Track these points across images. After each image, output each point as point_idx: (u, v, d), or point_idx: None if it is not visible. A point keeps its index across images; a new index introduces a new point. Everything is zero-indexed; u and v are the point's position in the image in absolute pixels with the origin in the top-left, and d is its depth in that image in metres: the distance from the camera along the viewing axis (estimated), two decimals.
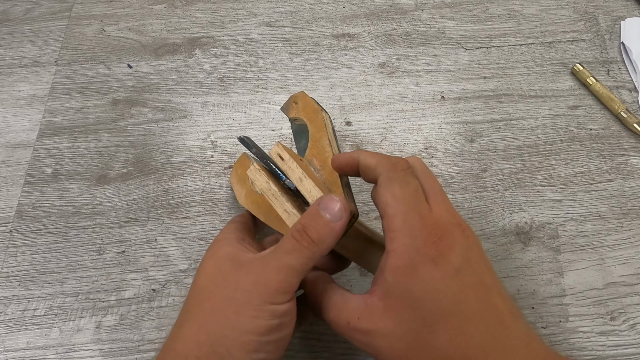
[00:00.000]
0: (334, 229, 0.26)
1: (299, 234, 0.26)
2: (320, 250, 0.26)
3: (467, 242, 0.25)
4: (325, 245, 0.26)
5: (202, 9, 0.55)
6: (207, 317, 0.25)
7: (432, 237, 0.25)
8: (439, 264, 0.24)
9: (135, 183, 0.43)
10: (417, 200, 0.26)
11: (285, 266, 0.25)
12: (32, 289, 0.38)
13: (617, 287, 0.38)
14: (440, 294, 0.23)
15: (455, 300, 0.23)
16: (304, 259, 0.26)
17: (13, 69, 0.50)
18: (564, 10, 0.56)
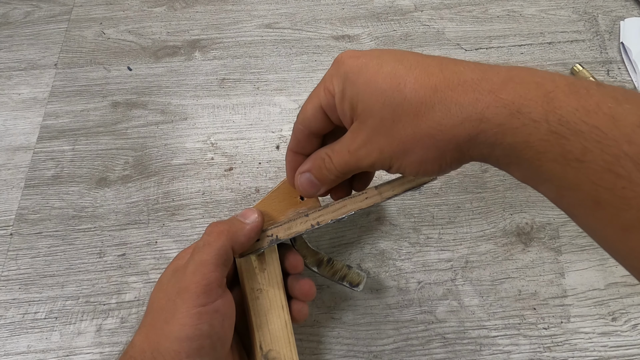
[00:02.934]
0: (245, 227, 0.28)
1: (209, 229, 0.28)
2: (230, 241, 0.27)
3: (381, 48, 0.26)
4: (235, 237, 0.28)
5: (202, 11, 0.55)
6: (149, 327, 0.26)
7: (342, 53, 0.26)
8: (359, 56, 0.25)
9: (136, 186, 0.43)
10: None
11: (199, 265, 0.26)
12: (32, 292, 0.38)
13: (619, 288, 0.38)
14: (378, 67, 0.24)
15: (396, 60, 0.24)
16: (215, 250, 0.27)
17: (13, 72, 0.50)
18: (563, 11, 0.56)
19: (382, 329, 0.36)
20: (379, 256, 0.40)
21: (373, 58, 0.24)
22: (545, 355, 0.35)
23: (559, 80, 0.20)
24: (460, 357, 0.35)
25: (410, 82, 0.23)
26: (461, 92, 0.22)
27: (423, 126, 0.23)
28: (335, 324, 0.37)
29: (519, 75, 0.21)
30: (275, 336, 0.30)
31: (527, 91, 0.20)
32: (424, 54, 0.25)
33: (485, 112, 0.21)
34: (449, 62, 0.23)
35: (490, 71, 0.22)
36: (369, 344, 0.36)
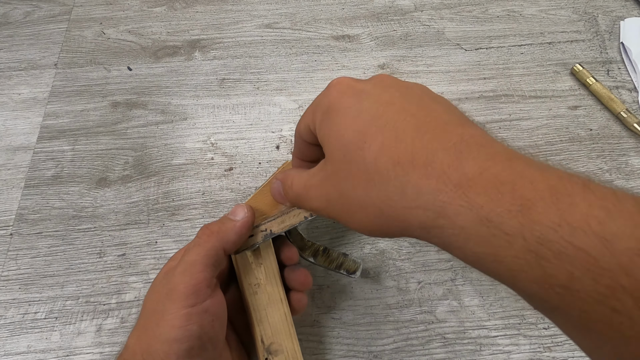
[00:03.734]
0: (235, 225, 0.28)
1: (200, 231, 0.28)
2: (221, 241, 0.27)
3: (383, 79, 0.24)
4: (225, 237, 0.27)
5: (202, 11, 0.55)
6: (141, 329, 0.26)
7: (338, 81, 0.25)
8: (348, 94, 0.23)
9: (136, 186, 0.43)
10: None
11: (188, 265, 0.26)
12: (32, 292, 0.38)
13: None
14: (357, 114, 0.22)
15: (373, 115, 0.22)
16: (205, 250, 0.27)
17: (13, 72, 0.50)
18: (563, 11, 0.56)
19: (382, 329, 0.36)
20: (379, 256, 0.40)
21: (358, 101, 0.23)
22: (545, 355, 0.35)
23: (540, 183, 0.17)
24: (460, 357, 0.35)
25: (375, 146, 0.21)
26: (424, 174, 0.19)
27: (373, 195, 0.21)
28: (335, 324, 0.37)
29: (494, 171, 0.18)
30: (276, 329, 0.30)
31: (500, 195, 0.17)
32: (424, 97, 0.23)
33: (447, 207, 0.18)
34: (430, 128, 0.20)
35: (467, 157, 0.19)
36: (369, 344, 0.36)
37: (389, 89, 0.23)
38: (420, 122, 0.21)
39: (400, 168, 0.20)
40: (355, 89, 0.23)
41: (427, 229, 0.19)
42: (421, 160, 0.19)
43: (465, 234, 0.18)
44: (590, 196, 0.16)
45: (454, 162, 0.19)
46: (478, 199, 0.17)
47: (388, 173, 0.20)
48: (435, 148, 0.19)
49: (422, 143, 0.20)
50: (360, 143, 0.21)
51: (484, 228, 0.17)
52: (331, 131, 0.23)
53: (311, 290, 0.38)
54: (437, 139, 0.20)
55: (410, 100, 0.22)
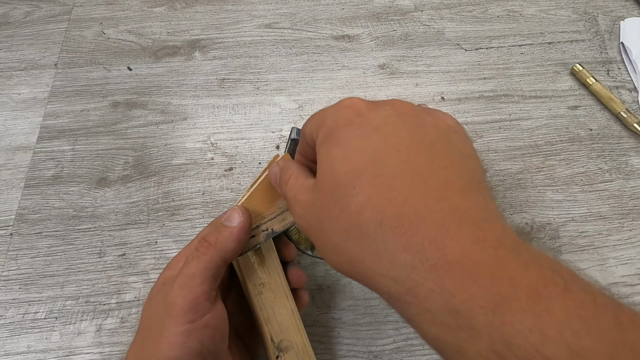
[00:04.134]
0: (232, 232, 0.27)
1: (199, 244, 0.27)
2: (220, 252, 0.26)
3: (397, 110, 0.22)
4: (224, 246, 0.26)
5: (202, 11, 0.55)
6: (139, 346, 0.26)
7: (349, 102, 0.23)
8: (355, 123, 0.21)
9: (136, 185, 0.43)
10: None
11: (186, 279, 0.25)
12: (32, 292, 0.38)
13: (619, 288, 0.38)
14: (355, 152, 0.20)
15: (372, 158, 0.20)
16: (204, 263, 0.26)
17: (13, 72, 0.50)
18: (563, 11, 0.56)
19: (382, 329, 0.36)
20: None
21: (363, 135, 0.21)
22: None
23: (520, 280, 0.16)
24: None
25: (363, 196, 0.19)
26: (403, 245, 0.18)
27: (348, 246, 0.20)
28: (335, 324, 0.37)
29: (476, 259, 0.16)
30: (285, 325, 0.30)
31: (475, 287, 0.16)
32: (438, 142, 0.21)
33: (417, 287, 0.17)
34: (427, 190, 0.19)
35: (453, 235, 0.17)
36: (369, 344, 0.36)
37: (401, 126, 0.21)
38: (420, 179, 0.19)
39: (381, 230, 0.18)
40: (365, 119, 0.22)
41: (392, 300, 0.18)
42: (404, 228, 0.18)
43: (431, 318, 0.17)
44: (569, 303, 0.15)
45: (437, 239, 0.17)
46: (451, 287, 0.16)
47: (368, 230, 0.19)
48: (423, 216, 0.18)
49: (411, 207, 0.18)
50: (349, 187, 0.20)
51: (451, 318, 0.16)
52: (326, 160, 0.21)
53: (311, 290, 0.38)
54: (429, 206, 0.18)
55: (419, 146, 0.20)
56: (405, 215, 0.18)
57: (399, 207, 0.18)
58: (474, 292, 0.16)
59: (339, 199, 0.20)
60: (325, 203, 0.21)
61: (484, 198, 0.20)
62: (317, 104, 0.48)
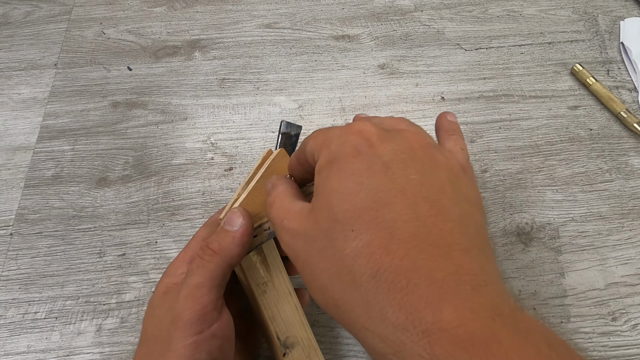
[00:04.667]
0: (235, 237, 0.25)
1: (202, 251, 0.26)
2: (225, 258, 0.25)
3: (409, 144, 0.20)
4: (229, 252, 0.25)
5: (202, 11, 0.55)
6: (144, 359, 0.25)
7: (360, 127, 0.21)
8: (363, 155, 0.20)
9: (136, 185, 0.43)
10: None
11: (192, 289, 0.24)
12: (32, 292, 0.38)
13: (619, 288, 0.38)
14: (359, 189, 0.19)
15: (377, 199, 0.19)
16: (210, 272, 0.25)
17: (13, 72, 0.50)
18: (563, 11, 0.56)
19: None
20: None
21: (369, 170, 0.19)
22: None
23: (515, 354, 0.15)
24: None
25: (360, 242, 0.18)
26: (396, 303, 0.17)
27: (336, 290, 0.19)
28: (335, 324, 0.37)
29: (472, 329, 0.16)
30: (289, 322, 0.30)
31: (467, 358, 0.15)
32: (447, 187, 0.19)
33: (405, 350, 0.16)
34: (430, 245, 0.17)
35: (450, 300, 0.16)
36: None
37: (411, 165, 0.20)
38: (424, 231, 0.18)
39: (375, 283, 0.17)
40: (374, 152, 0.20)
41: (377, 356, 0.18)
42: (401, 284, 0.17)
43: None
44: None
45: (433, 302, 0.16)
46: (442, 356, 0.15)
47: (361, 280, 0.18)
48: (422, 274, 0.17)
49: (411, 263, 0.17)
50: (347, 228, 0.18)
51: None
52: (325, 190, 0.20)
53: None
54: (430, 264, 0.17)
55: (428, 191, 0.19)
56: (403, 270, 0.17)
57: (398, 261, 0.17)
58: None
59: (335, 238, 0.19)
60: (318, 238, 0.20)
61: (487, 258, 0.19)
62: (317, 104, 0.48)
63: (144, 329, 0.26)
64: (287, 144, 0.33)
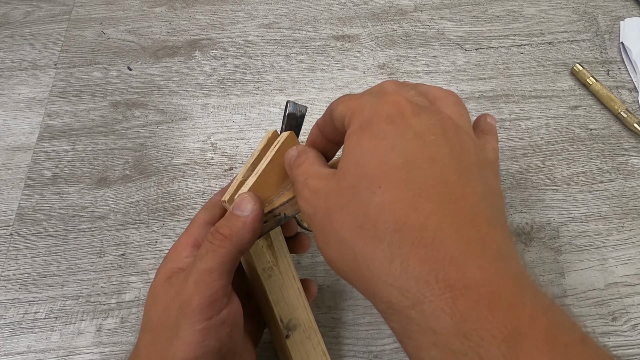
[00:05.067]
0: (246, 222, 0.25)
1: (212, 236, 0.25)
2: (236, 244, 0.25)
3: (441, 124, 0.21)
4: (240, 238, 0.25)
5: (202, 11, 0.55)
6: (149, 347, 0.24)
7: (394, 98, 0.21)
8: (395, 122, 0.20)
9: (136, 185, 0.43)
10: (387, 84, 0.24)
11: (203, 275, 0.24)
12: (32, 292, 0.38)
13: (619, 288, 0.38)
14: (391, 150, 0.19)
15: (407, 161, 0.19)
16: (220, 257, 0.24)
17: (13, 72, 0.50)
18: (563, 11, 0.56)
19: (382, 329, 0.36)
20: None
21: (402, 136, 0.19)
22: None
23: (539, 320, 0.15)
24: None
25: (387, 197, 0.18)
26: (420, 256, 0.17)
27: (356, 244, 0.19)
28: (335, 324, 0.37)
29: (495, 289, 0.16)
30: (292, 305, 0.30)
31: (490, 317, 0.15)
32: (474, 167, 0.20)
33: (426, 303, 0.16)
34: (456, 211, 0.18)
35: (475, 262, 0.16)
36: (369, 344, 0.36)
37: (443, 141, 0.20)
38: (451, 197, 0.18)
39: (399, 237, 0.17)
40: (407, 122, 0.20)
41: (392, 312, 0.18)
42: (427, 240, 0.17)
43: (432, 339, 0.16)
44: (587, 353, 0.15)
45: (459, 259, 0.16)
46: (465, 311, 0.15)
47: (384, 234, 0.18)
48: (448, 234, 0.17)
49: (437, 222, 0.17)
50: (375, 184, 0.19)
51: (457, 342, 0.15)
52: (356, 149, 0.20)
53: None
54: (457, 225, 0.17)
55: (457, 165, 0.19)
56: (429, 228, 0.17)
57: (424, 219, 0.17)
58: (489, 321, 0.15)
59: (360, 193, 0.19)
60: (342, 193, 0.20)
61: (509, 236, 0.19)
62: (317, 104, 0.48)
63: (147, 316, 0.25)
64: (293, 125, 0.32)
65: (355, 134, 0.21)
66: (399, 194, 0.18)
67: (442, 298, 0.16)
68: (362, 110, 0.22)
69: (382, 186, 0.19)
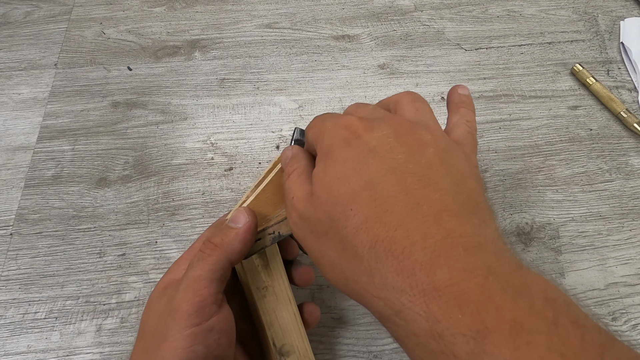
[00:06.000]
0: (238, 233, 0.26)
1: (204, 245, 0.26)
2: (226, 253, 0.26)
3: (393, 130, 0.22)
4: (230, 247, 0.26)
5: (202, 11, 0.55)
6: (140, 353, 0.25)
7: (346, 122, 0.23)
8: (352, 145, 0.22)
9: (136, 185, 0.43)
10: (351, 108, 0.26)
11: (192, 282, 0.24)
12: (32, 292, 0.38)
13: (619, 288, 0.38)
14: (353, 174, 0.21)
15: (369, 180, 0.20)
16: (209, 265, 0.25)
17: (13, 72, 0.50)
18: (563, 11, 0.56)
19: (382, 329, 0.36)
20: None
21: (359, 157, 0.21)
22: None
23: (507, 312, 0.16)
24: None
25: (359, 218, 0.20)
26: (395, 268, 0.18)
27: (343, 263, 0.20)
28: (335, 324, 0.37)
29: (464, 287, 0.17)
30: (286, 330, 0.30)
31: (460, 315, 0.16)
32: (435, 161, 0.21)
33: (405, 310, 0.17)
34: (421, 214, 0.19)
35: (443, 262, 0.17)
36: (369, 344, 0.36)
37: (398, 147, 0.21)
38: (413, 203, 0.19)
39: (375, 253, 0.19)
40: (361, 141, 0.22)
41: (383, 320, 0.19)
42: (397, 252, 0.18)
43: (416, 341, 0.17)
44: (553, 338, 0.15)
45: (427, 264, 0.18)
46: (437, 313, 0.17)
47: (363, 252, 0.19)
48: (414, 241, 0.18)
49: (404, 232, 0.19)
50: (346, 208, 0.20)
51: (434, 342, 0.16)
52: (324, 177, 0.22)
53: (311, 290, 0.38)
54: (423, 230, 0.18)
55: (415, 167, 0.20)
56: (397, 239, 0.18)
57: (392, 232, 0.19)
58: (458, 319, 0.16)
59: (337, 219, 0.21)
60: (322, 220, 0.21)
61: (481, 220, 0.20)
62: (317, 104, 0.48)
63: (142, 324, 0.26)
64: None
65: (321, 163, 0.23)
66: (368, 212, 0.20)
67: (417, 304, 0.17)
68: (322, 139, 0.23)
69: (353, 208, 0.20)
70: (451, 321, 0.16)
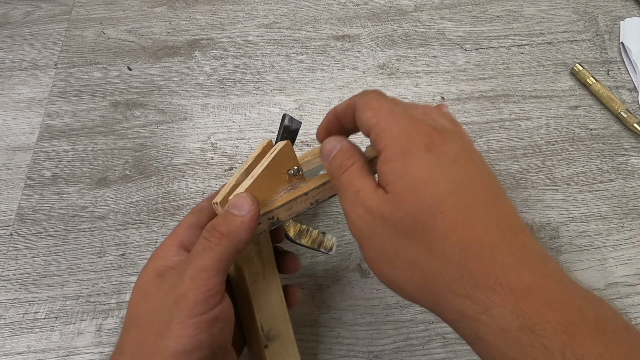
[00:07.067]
0: (244, 221, 0.26)
1: (208, 233, 0.26)
2: (233, 242, 0.25)
3: (464, 143, 0.23)
4: (237, 237, 0.25)
5: (202, 11, 0.55)
6: (135, 344, 0.24)
7: (423, 128, 0.23)
8: (433, 152, 0.22)
9: (136, 185, 0.43)
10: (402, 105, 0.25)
11: (199, 271, 0.24)
12: (32, 292, 0.38)
13: (619, 288, 0.38)
14: (440, 178, 0.21)
15: (455, 187, 0.21)
16: (217, 255, 0.25)
17: (13, 72, 0.50)
18: (563, 11, 0.56)
19: (382, 329, 0.36)
20: None
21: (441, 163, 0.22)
22: None
23: (587, 310, 0.18)
24: (460, 357, 0.35)
25: (449, 222, 0.21)
26: (485, 270, 0.20)
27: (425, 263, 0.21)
28: (335, 324, 0.37)
29: (548, 289, 0.19)
30: (273, 315, 0.30)
31: (549, 312, 0.18)
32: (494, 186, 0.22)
33: (494, 307, 0.19)
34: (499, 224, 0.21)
35: (526, 266, 0.19)
36: (369, 344, 0.36)
37: (470, 162, 0.23)
38: (494, 212, 0.21)
39: (466, 255, 0.20)
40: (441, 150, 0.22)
41: (465, 319, 0.20)
42: (486, 255, 0.20)
43: (504, 336, 0.19)
44: (632, 339, 0.18)
45: (515, 268, 0.19)
46: (528, 310, 0.18)
47: (452, 254, 0.20)
48: (501, 247, 0.20)
49: (491, 238, 0.20)
50: (434, 211, 0.21)
51: (524, 336, 0.18)
52: (406, 178, 0.22)
53: (311, 290, 0.38)
54: (504, 239, 0.20)
55: (485, 182, 0.22)
56: (486, 244, 0.20)
57: (481, 236, 0.20)
58: (548, 316, 0.18)
59: (424, 220, 0.21)
60: (403, 219, 0.22)
61: (533, 237, 0.22)
62: (317, 104, 0.48)
63: (134, 313, 0.25)
64: (287, 137, 0.33)
65: (398, 160, 0.22)
66: (457, 218, 0.21)
67: (507, 301, 0.19)
68: (397, 136, 0.23)
69: (442, 212, 0.21)
70: (541, 317, 0.18)
